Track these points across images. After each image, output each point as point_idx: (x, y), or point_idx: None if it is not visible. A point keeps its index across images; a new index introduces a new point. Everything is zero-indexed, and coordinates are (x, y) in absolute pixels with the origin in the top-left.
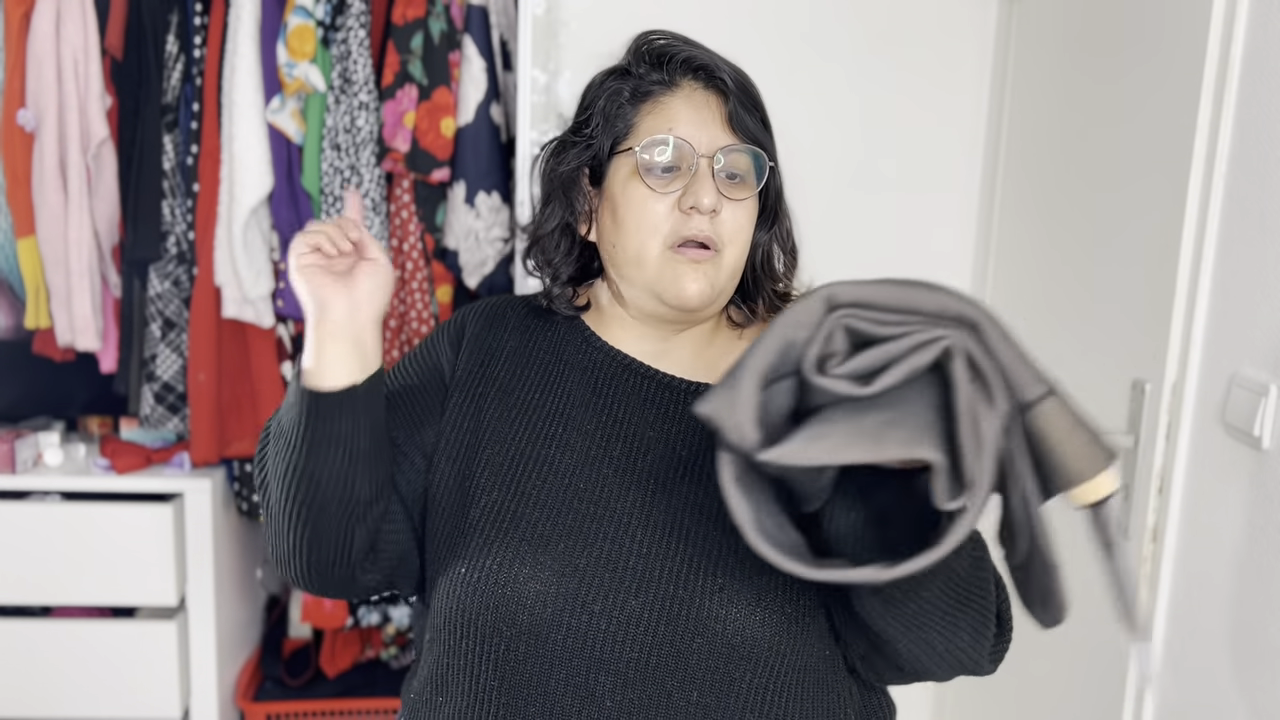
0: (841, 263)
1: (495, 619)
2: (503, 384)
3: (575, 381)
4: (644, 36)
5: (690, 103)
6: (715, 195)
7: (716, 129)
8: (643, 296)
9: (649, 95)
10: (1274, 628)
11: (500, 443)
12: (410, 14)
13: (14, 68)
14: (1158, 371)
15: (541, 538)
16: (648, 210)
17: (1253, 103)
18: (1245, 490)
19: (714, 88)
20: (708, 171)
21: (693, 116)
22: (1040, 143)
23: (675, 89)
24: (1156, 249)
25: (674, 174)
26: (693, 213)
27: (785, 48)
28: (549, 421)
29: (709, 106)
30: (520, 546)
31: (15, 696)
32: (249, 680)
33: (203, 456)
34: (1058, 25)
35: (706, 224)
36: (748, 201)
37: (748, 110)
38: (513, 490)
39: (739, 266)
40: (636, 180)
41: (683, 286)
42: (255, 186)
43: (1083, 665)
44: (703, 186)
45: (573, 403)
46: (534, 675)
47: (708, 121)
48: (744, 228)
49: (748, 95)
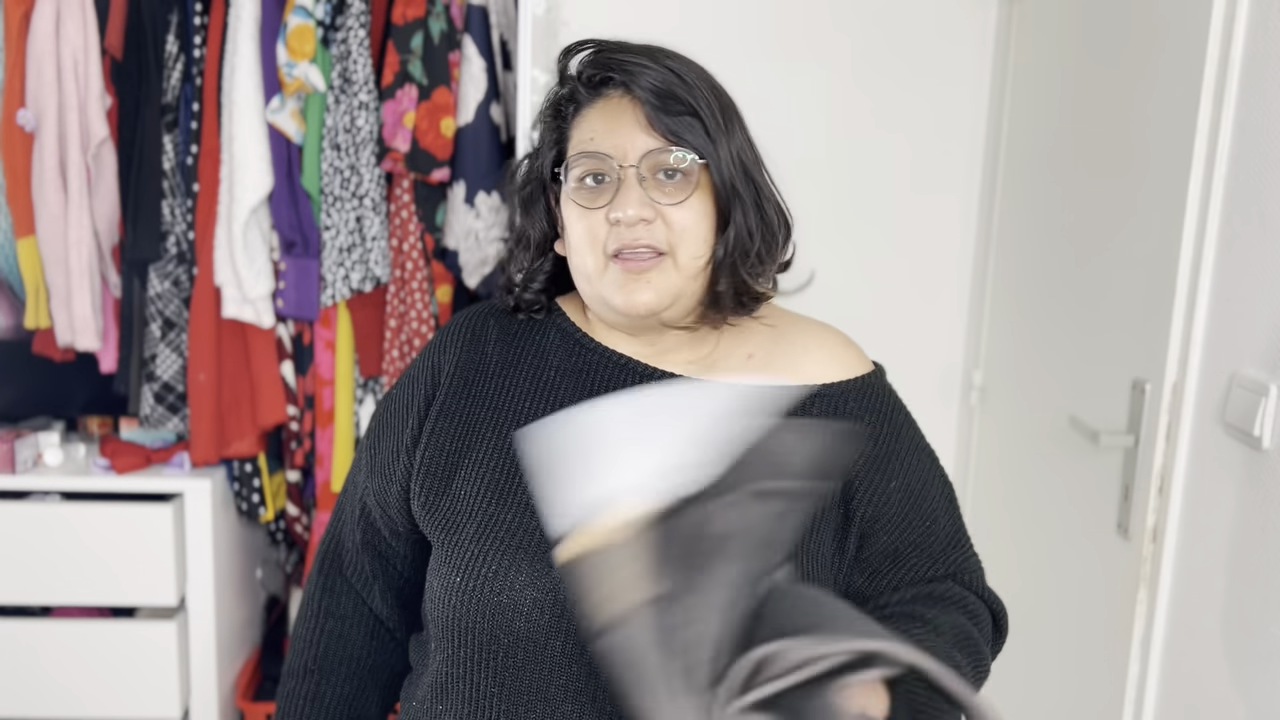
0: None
1: (493, 627)
2: (492, 400)
3: (567, 387)
4: (567, 49)
5: (607, 113)
6: (640, 204)
7: (638, 135)
8: (599, 306)
9: (575, 110)
10: (1274, 628)
11: (494, 453)
12: (410, 14)
13: (14, 68)
14: (1158, 371)
15: (538, 545)
16: (584, 226)
17: (1253, 103)
18: (1245, 490)
19: (631, 93)
20: (633, 180)
21: (612, 126)
22: (1040, 143)
23: (596, 100)
24: (1156, 249)
25: (604, 186)
26: (620, 224)
27: (785, 48)
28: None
29: (628, 113)
30: (516, 555)
31: (15, 696)
32: (249, 680)
33: (203, 456)
34: (1058, 25)
35: (641, 232)
36: (693, 199)
37: (671, 111)
38: (507, 500)
39: (696, 267)
40: (570, 198)
41: (628, 295)
42: (255, 186)
43: (1083, 666)
44: (626, 197)
45: (565, 406)
46: (533, 682)
47: (628, 128)
48: (694, 225)
49: (668, 95)
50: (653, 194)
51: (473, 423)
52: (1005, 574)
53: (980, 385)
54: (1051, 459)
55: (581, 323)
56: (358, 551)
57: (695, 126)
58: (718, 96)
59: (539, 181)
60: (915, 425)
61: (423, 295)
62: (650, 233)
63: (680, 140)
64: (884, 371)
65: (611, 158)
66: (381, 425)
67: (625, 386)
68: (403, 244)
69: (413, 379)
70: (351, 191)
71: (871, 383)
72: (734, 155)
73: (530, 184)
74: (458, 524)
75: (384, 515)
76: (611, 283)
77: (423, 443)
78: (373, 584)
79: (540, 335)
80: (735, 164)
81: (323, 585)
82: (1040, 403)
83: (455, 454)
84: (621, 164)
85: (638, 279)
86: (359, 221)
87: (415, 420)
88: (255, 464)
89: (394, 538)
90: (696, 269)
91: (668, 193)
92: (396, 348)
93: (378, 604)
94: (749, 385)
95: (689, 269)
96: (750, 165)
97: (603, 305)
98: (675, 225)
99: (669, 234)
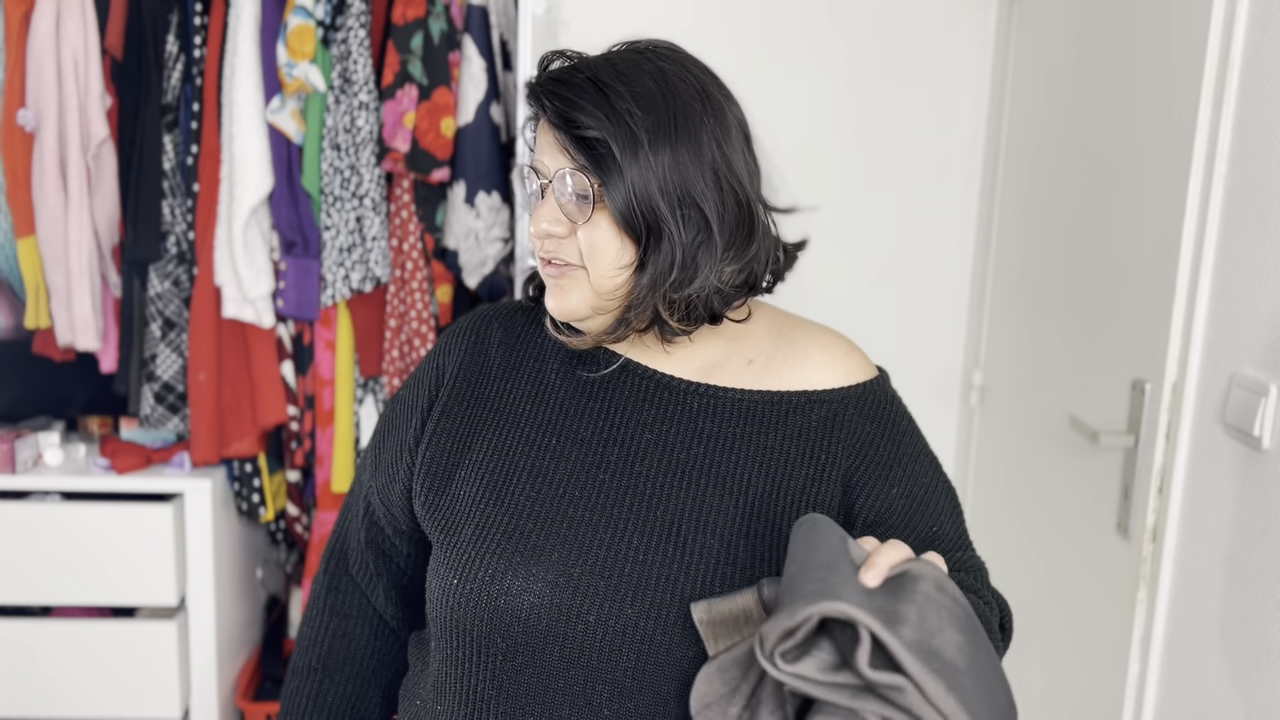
0: (842, 263)
1: (490, 631)
2: (493, 402)
3: (567, 389)
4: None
5: (544, 129)
6: (551, 220)
7: (558, 154)
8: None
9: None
10: (1274, 628)
11: (494, 456)
12: (410, 14)
13: (14, 68)
14: (1158, 371)
15: (535, 549)
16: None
17: (1253, 103)
18: (1245, 490)
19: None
20: (550, 196)
21: (545, 142)
22: (1040, 143)
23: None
24: (1156, 249)
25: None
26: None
27: (784, 50)
28: (541, 431)
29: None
30: (513, 558)
31: (15, 696)
32: (249, 680)
33: (203, 456)
34: (1058, 25)
35: (552, 245)
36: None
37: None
38: (505, 503)
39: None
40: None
41: (549, 299)
42: (255, 186)
43: (1083, 666)
44: (540, 210)
45: (565, 411)
46: (532, 686)
47: (551, 147)
48: (600, 245)
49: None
50: (567, 211)
51: (473, 424)
52: (1005, 574)
53: (980, 385)
54: (1051, 459)
55: None
56: (362, 550)
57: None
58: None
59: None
60: (918, 431)
61: (423, 295)
62: (561, 247)
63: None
64: (887, 377)
65: (538, 172)
66: (387, 424)
67: (624, 387)
68: (403, 244)
69: (418, 380)
70: (351, 191)
71: (874, 389)
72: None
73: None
74: (456, 525)
75: (388, 514)
76: (545, 284)
77: (424, 442)
78: (377, 583)
79: (541, 338)
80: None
81: (328, 584)
82: (1040, 403)
83: (455, 454)
84: (545, 179)
85: (556, 283)
86: (359, 221)
87: (418, 420)
88: (255, 464)
89: (397, 536)
90: (610, 287)
91: (578, 211)
92: (396, 348)
93: (382, 603)
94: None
95: (600, 286)
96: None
97: None
98: (584, 242)
99: (581, 249)
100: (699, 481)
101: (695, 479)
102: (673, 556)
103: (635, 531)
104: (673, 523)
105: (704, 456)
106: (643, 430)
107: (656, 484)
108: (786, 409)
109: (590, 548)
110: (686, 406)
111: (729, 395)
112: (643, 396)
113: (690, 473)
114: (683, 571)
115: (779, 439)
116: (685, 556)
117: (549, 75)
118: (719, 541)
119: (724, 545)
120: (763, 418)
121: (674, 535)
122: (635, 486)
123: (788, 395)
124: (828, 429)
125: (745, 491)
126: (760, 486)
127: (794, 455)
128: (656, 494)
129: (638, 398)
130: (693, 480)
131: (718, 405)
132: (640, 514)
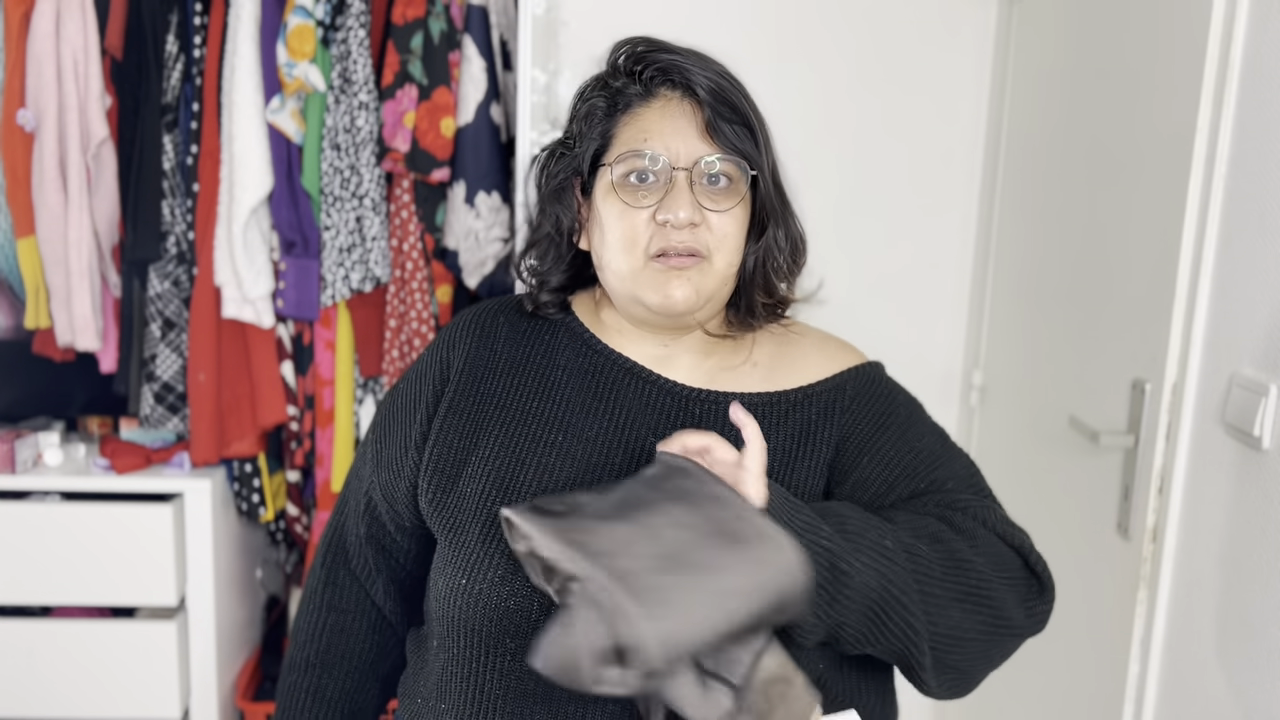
0: (842, 263)
1: (498, 630)
2: (500, 398)
3: (574, 387)
4: (621, 44)
5: (665, 113)
6: (691, 208)
7: (693, 139)
8: (630, 304)
9: (626, 107)
10: (1274, 628)
11: (501, 454)
12: (410, 14)
13: (14, 68)
14: (1158, 371)
15: None
16: (625, 224)
17: (1253, 103)
18: (1245, 490)
19: (691, 96)
20: (684, 184)
21: (668, 127)
22: (1040, 143)
23: (651, 99)
24: (1156, 249)
25: (650, 186)
26: (668, 225)
27: (784, 50)
28: (548, 429)
29: (685, 116)
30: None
31: (15, 696)
32: (249, 680)
33: (203, 456)
34: (1058, 25)
35: (687, 235)
36: (735, 209)
37: (727, 118)
38: (511, 499)
39: (729, 273)
40: (614, 194)
41: (667, 292)
42: (255, 186)
43: (1083, 665)
44: (678, 200)
45: (572, 409)
46: (538, 684)
47: (684, 131)
48: (732, 234)
49: (726, 102)
50: (700, 198)
51: (480, 420)
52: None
53: (980, 385)
54: (1051, 459)
55: (592, 324)
56: (361, 545)
57: (747, 137)
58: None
59: (572, 173)
60: (918, 406)
61: (423, 295)
62: (695, 236)
63: (734, 149)
64: (883, 368)
65: (664, 158)
66: (389, 419)
67: (630, 391)
68: (403, 244)
69: (421, 374)
70: (351, 191)
71: (866, 371)
72: (773, 168)
73: (561, 174)
74: (463, 524)
75: (390, 510)
76: (648, 281)
77: (431, 439)
78: (376, 578)
79: (549, 335)
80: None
81: (325, 579)
82: (1040, 403)
83: (462, 451)
84: (674, 166)
85: (679, 275)
86: (359, 221)
87: (424, 416)
88: (255, 464)
89: (399, 532)
90: (729, 274)
91: (714, 199)
92: (396, 348)
93: (380, 597)
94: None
95: (723, 274)
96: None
97: (634, 303)
98: (717, 231)
99: (710, 238)
100: None
101: None
102: None
103: None
104: None
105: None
106: (647, 434)
107: None
108: (787, 408)
109: None
110: (690, 412)
111: (732, 400)
112: (647, 402)
113: None
114: None
115: (781, 439)
116: None
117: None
118: None
119: None
120: (765, 420)
121: None
122: None
123: (787, 394)
124: (827, 416)
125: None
126: None
127: (795, 452)
128: None
129: (643, 402)
130: None
131: (721, 411)
132: None
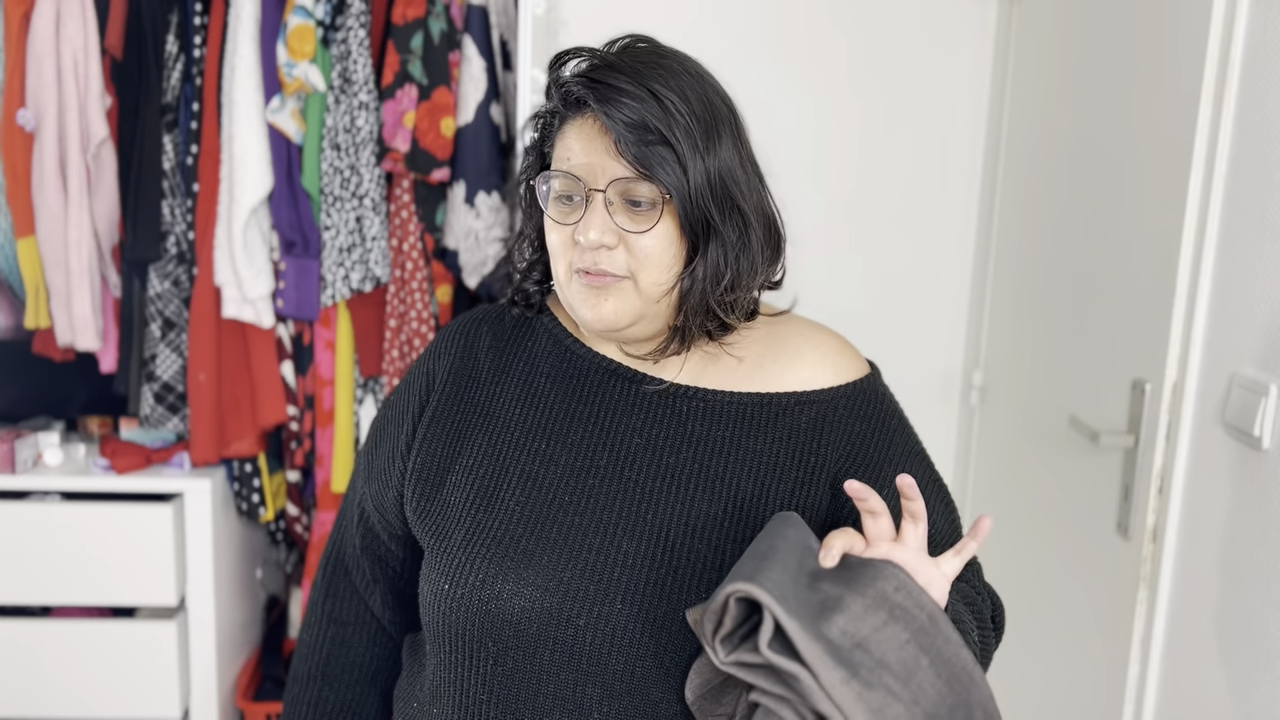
0: (842, 263)
1: (482, 635)
2: (483, 406)
3: (557, 393)
4: (555, 58)
5: (583, 133)
6: (601, 229)
7: (609, 161)
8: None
9: (562, 121)
10: (1274, 628)
11: (484, 461)
12: (410, 14)
13: (14, 68)
14: (1158, 371)
15: (525, 553)
16: (554, 238)
17: (1253, 103)
18: (1245, 490)
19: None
20: (600, 205)
21: (586, 147)
22: (1040, 143)
23: (576, 117)
24: (1156, 249)
25: (575, 204)
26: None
27: (784, 49)
28: (531, 435)
29: (601, 137)
30: (503, 563)
31: (15, 696)
32: (249, 680)
33: (203, 456)
34: (1058, 25)
35: (602, 256)
36: (658, 227)
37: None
38: (495, 508)
39: (660, 292)
40: (545, 210)
41: (586, 310)
42: (255, 186)
43: (1083, 665)
44: (590, 221)
45: (555, 415)
46: (523, 689)
47: (599, 153)
48: (657, 252)
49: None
50: (619, 219)
51: (463, 429)
52: (1006, 574)
53: (980, 385)
54: (1051, 459)
55: (571, 327)
56: (358, 556)
57: (666, 157)
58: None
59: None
60: (909, 429)
61: (423, 295)
62: (610, 258)
63: (647, 171)
64: (879, 373)
65: (581, 180)
66: (379, 431)
67: (613, 392)
68: (403, 244)
69: (409, 385)
70: (351, 191)
71: (864, 387)
72: (714, 179)
73: (522, 181)
74: (446, 530)
75: (382, 520)
76: (577, 295)
77: (415, 448)
78: (374, 588)
79: (531, 341)
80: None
81: (326, 590)
82: (1040, 403)
83: (446, 460)
84: (590, 187)
85: (597, 294)
86: (359, 221)
87: (409, 425)
88: (255, 464)
89: (393, 541)
90: (659, 293)
91: (633, 219)
92: (396, 348)
93: (379, 608)
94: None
95: (650, 293)
96: (735, 186)
97: (574, 312)
98: (637, 252)
99: (630, 260)
100: (688, 486)
101: (684, 483)
102: (661, 561)
103: (625, 536)
104: (662, 527)
105: (693, 461)
106: (632, 435)
107: (645, 489)
108: (776, 411)
109: (580, 552)
110: (675, 411)
111: (718, 398)
112: (631, 402)
113: (679, 477)
114: (670, 575)
115: (768, 442)
116: (673, 560)
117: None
118: (707, 545)
119: (712, 549)
120: (752, 420)
121: (663, 540)
122: (625, 491)
123: (778, 397)
124: (817, 430)
125: (734, 496)
126: (749, 490)
127: (783, 458)
128: (645, 499)
129: (627, 402)
130: (681, 485)
131: (707, 408)
132: (629, 519)
